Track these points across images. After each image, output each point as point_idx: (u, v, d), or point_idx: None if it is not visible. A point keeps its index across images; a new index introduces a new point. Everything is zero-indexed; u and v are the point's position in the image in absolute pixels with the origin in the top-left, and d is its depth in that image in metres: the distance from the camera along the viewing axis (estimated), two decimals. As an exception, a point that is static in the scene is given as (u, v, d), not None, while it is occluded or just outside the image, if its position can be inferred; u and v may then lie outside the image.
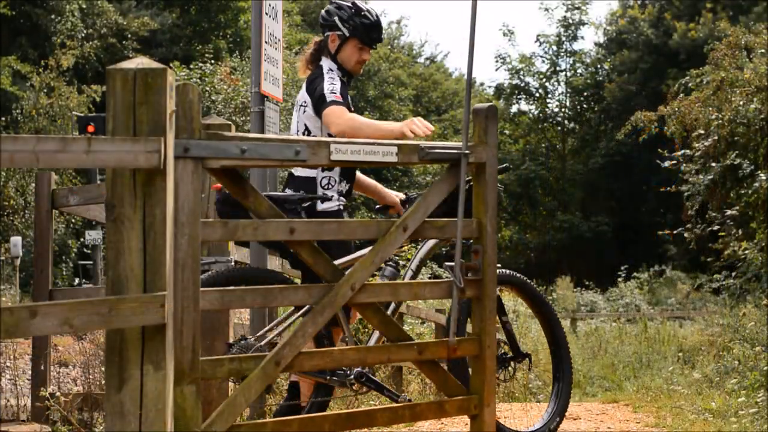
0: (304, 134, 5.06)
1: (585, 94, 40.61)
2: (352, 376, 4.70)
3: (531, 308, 5.41)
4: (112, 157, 3.06)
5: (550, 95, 40.47)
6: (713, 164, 12.54)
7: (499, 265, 4.98)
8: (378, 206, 5.41)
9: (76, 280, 22.28)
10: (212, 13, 32.21)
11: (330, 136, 4.90)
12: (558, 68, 40.28)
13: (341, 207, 5.01)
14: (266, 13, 5.75)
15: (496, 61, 39.91)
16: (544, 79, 40.10)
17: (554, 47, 40.02)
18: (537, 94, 40.28)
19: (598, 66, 40.83)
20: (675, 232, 14.12)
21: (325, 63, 5.13)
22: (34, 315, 2.92)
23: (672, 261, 32.45)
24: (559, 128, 40.50)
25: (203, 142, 3.51)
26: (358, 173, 5.34)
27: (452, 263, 4.22)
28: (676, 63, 35.80)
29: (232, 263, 4.74)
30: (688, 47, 35.88)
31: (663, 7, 39.75)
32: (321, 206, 4.96)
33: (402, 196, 5.39)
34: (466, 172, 4.23)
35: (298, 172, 5.05)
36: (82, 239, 20.96)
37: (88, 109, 22.00)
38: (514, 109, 41.08)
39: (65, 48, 23.33)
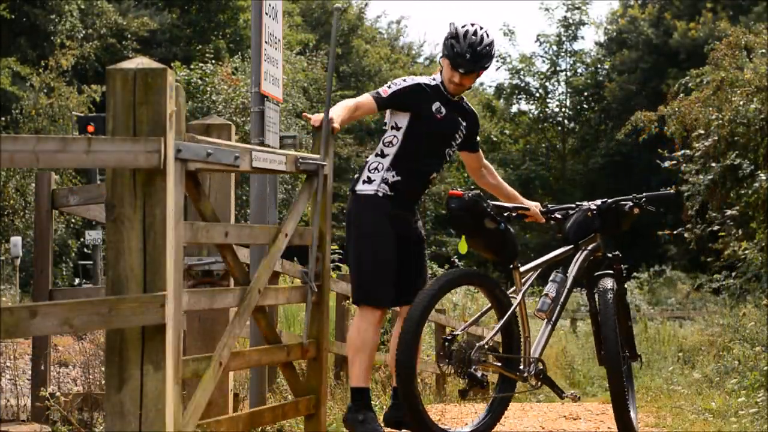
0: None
1: (585, 94, 40.56)
2: (533, 373, 5.07)
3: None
4: (112, 157, 3.06)
5: (550, 95, 40.44)
6: (713, 164, 12.53)
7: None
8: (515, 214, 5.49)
9: (76, 280, 22.27)
10: (212, 12, 32.19)
11: (396, 124, 5.08)
12: (558, 68, 40.25)
13: (380, 194, 4.94)
14: (266, 13, 5.73)
15: (497, 61, 39.87)
16: (544, 79, 40.06)
17: (554, 47, 39.98)
18: (537, 94, 40.24)
19: (598, 66, 40.79)
20: (675, 232, 14.12)
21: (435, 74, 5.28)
22: (34, 315, 2.92)
23: (672, 261, 32.40)
24: (559, 128, 40.47)
25: (191, 144, 3.53)
26: (502, 182, 5.56)
27: (306, 269, 4.49)
28: (676, 63, 35.75)
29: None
30: (688, 47, 35.84)
31: (663, 7, 39.71)
32: (359, 187, 5.01)
33: (539, 204, 5.55)
34: (323, 181, 4.50)
35: None
36: (82, 239, 20.94)
37: (88, 109, 21.97)
38: (514, 109, 41.07)
39: (65, 48, 23.30)
